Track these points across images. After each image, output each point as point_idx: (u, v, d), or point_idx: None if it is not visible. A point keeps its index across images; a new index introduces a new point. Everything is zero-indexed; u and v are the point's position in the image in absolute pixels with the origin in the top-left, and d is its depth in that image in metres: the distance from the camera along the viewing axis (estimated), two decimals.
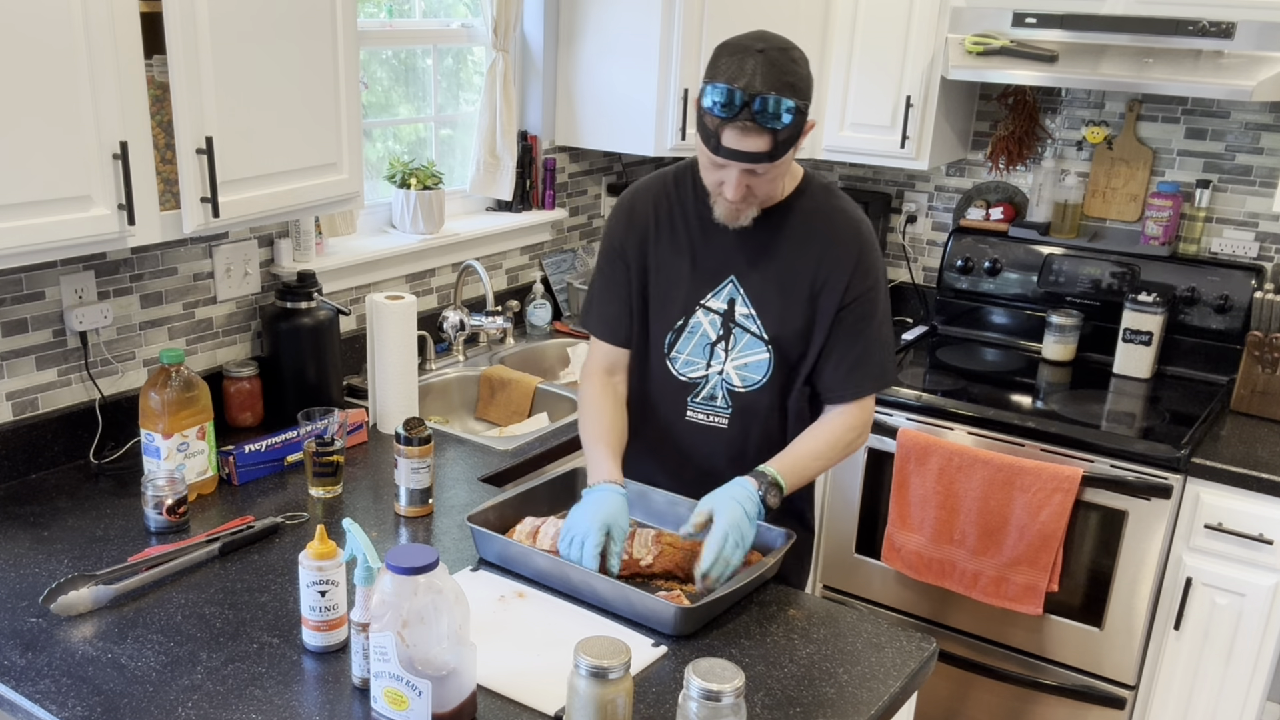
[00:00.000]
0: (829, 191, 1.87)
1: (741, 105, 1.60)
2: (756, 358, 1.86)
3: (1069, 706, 2.73)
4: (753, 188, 1.72)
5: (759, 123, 1.61)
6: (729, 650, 1.59)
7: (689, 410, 1.92)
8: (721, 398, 1.90)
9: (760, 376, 1.87)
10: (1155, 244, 3.02)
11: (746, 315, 1.85)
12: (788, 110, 1.62)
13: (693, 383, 1.91)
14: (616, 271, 1.93)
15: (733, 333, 1.86)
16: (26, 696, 1.43)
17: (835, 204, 1.86)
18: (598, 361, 1.97)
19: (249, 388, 2.34)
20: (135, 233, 1.80)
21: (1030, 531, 2.59)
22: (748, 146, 1.64)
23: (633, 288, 1.92)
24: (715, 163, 1.70)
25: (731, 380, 1.88)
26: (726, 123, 1.62)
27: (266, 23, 1.92)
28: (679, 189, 1.90)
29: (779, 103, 1.61)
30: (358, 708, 1.43)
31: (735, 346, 1.87)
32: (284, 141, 2.00)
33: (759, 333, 1.85)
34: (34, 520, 1.92)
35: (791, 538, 1.77)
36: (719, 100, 1.61)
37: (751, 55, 1.62)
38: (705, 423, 1.92)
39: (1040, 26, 2.74)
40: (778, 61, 1.63)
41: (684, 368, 1.90)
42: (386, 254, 2.73)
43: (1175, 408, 2.79)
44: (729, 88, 1.61)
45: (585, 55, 3.12)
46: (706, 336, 1.88)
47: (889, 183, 3.47)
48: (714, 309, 1.87)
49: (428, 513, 2.00)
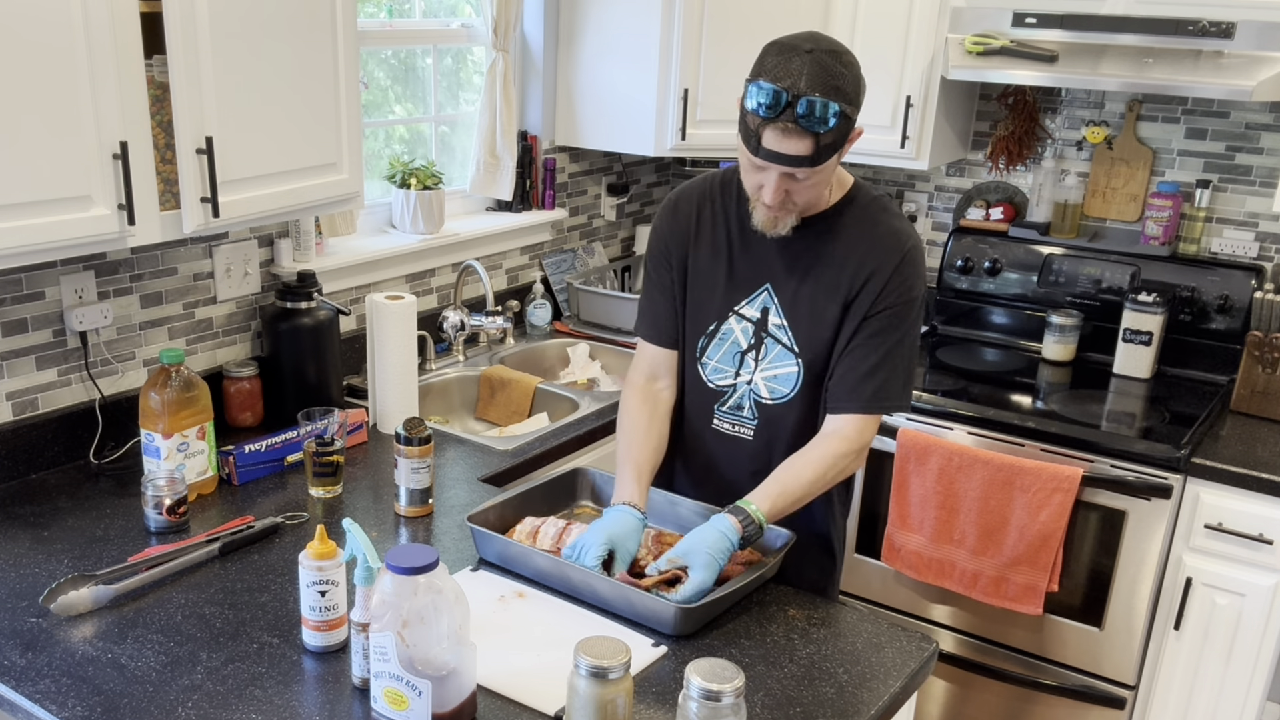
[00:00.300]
0: (879, 204, 1.81)
1: (785, 106, 1.56)
2: (785, 370, 1.82)
3: (1069, 706, 2.73)
4: (792, 193, 1.68)
5: (802, 125, 1.57)
6: (729, 650, 1.59)
7: (715, 418, 1.90)
8: (748, 408, 1.87)
9: (788, 390, 1.83)
10: (1155, 244, 3.02)
11: (779, 325, 1.81)
12: (833, 114, 1.57)
13: (720, 390, 1.88)
14: (661, 273, 1.90)
15: (764, 342, 1.83)
16: (26, 696, 1.43)
17: (883, 217, 1.79)
18: (641, 368, 1.95)
19: (249, 388, 2.34)
20: (135, 233, 1.80)
21: (1030, 531, 2.59)
22: (788, 149, 1.59)
23: (676, 288, 1.89)
24: (755, 165, 1.65)
25: (759, 391, 1.85)
26: (768, 123, 1.58)
27: (266, 22, 1.92)
28: (724, 193, 1.87)
29: (825, 105, 1.56)
30: (358, 708, 1.43)
31: (766, 357, 1.83)
32: (284, 141, 2.00)
33: (790, 344, 1.81)
34: (34, 520, 1.92)
35: (792, 538, 1.77)
36: (763, 100, 1.57)
37: (799, 55, 1.58)
38: (730, 433, 1.89)
39: (1040, 26, 2.74)
40: (826, 64, 1.58)
41: (713, 374, 1.88)
42: (386, 254, 2.73)
43: (1175, 408, 2.79)
44: (773, 87, 1.56)
45: (585, 55, 3.12)
46: (738, 344, 1.85)
47: (889, 183, 3.47)
48: (747, 316, 1.83)
49: (428, 513, 2.00)
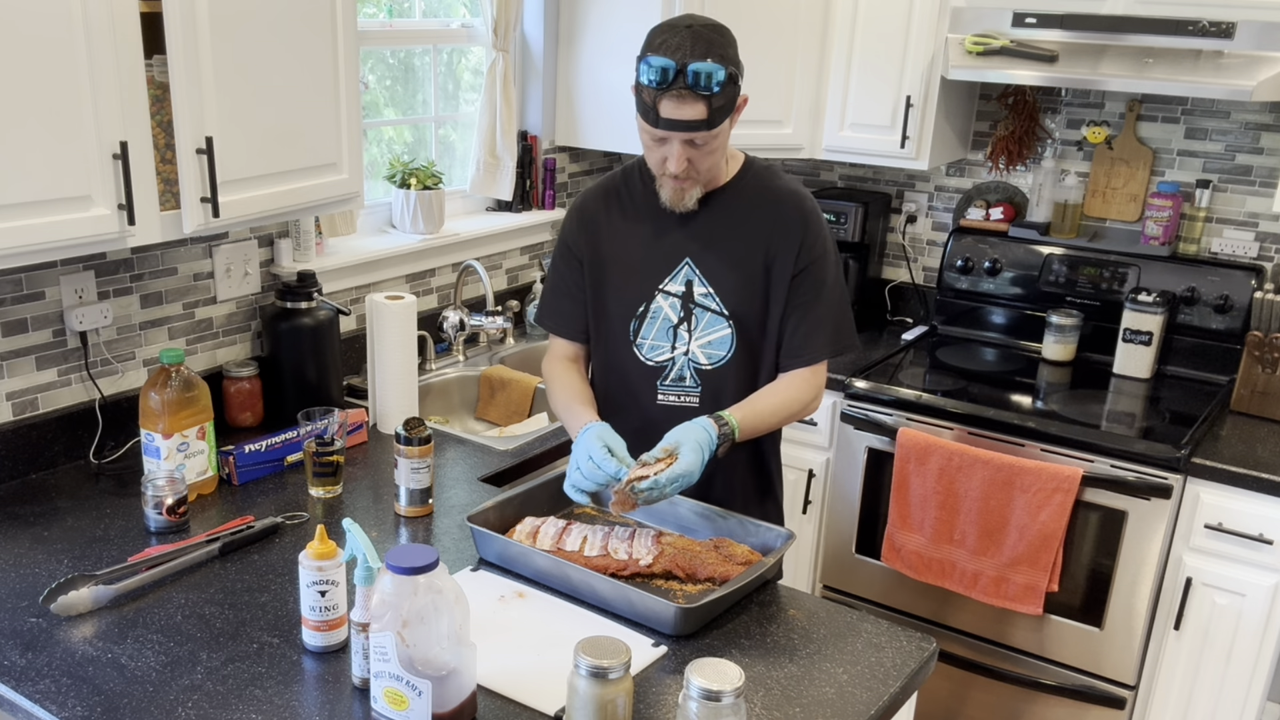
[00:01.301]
0: (771, 171, 1.96)
1: (675, 74, 1.70)
2: (719, 334, 1.92)
3: (1069, 706, 2.73)
4: (694, 161, 1.80)
5: (693, 90, 1.70)
6: (729, 650, 1.59)
7: (660, 393, 1.97)
8: (690, 377, 1.95)
9: (724, 353, 1.93)
10: (1155, 244, 3.02)
11: (705, 294, 1.92)
12: (720, 78, 1.71)
13: (660, 366, 1.96)
14: (570, 270, 2.01)
15: (693, 313, 1.93)
16: (26, 696, 1.43)
17: (777, 182, 1.94)
18: (558, 352, 2.06)
19: (249, 388, 2.34)
20: (135, 233, 1.80)
21: (1030, 531, 2.59)
22: (685, 115, 1.72)
23: (585, 284, 1.99)
24: (656, 138, 1.78)
25: (698, 359, 1.94)
26: (663, 93, 1.71)
27: (267, 22, 1.92)
28: (627, 183, 1.99)
29: (711, 71, 1.70)
30: (358, 708, 1.43)
31: (698, 326, 1.93)
32: (284, 141, 2.00)
33: (719, 309, 1.92)
34: (34, 520, 1.92)
35: (792, 537, 1.77)
36: (655, 74, 1.71)
37: (680, 31, 1.73)
38: (677, 403, 1.97)
39: (1040, 26, 2.74)
40: (706, 35, 1.73)
41: (650, 352, 1.96)
42: (386, 254, 2.73)
43: (1175, 408, 2.79)
44: (664, 60, 1.70)
45: (585, 55, 3.12)
46: (669, 320, 1.94)
47: (889, 183, 3.47)
48: (672, 292, 1.93)
49: (428, 513, 2.00)
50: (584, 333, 2.03)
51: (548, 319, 2.07)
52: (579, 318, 2.02)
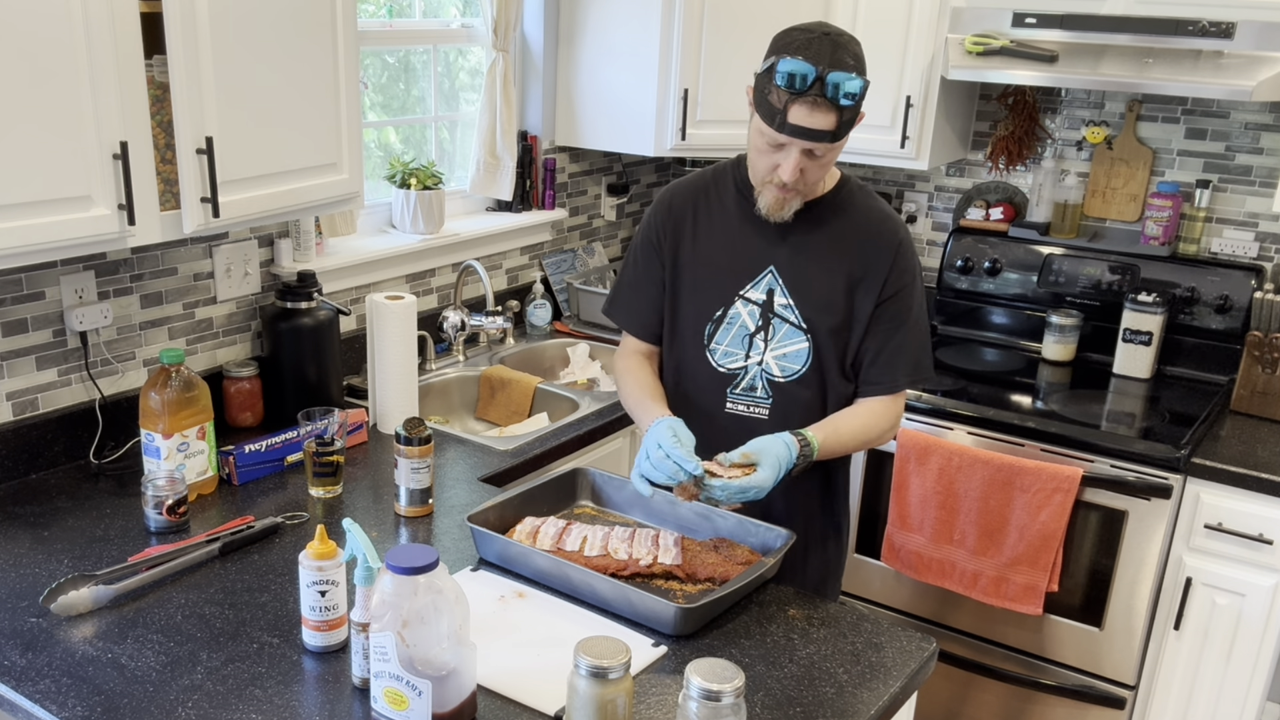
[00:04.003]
0: (866, 192, 1.92)
1: (815, 80, 1.64)
2: (795, 347, 1.88)
3: (1069, 706, 2.73)
4: (806, 172, 1.75)
5: (830, 99, 1.65)
6: (729, 650, 1.59)
7: (729, 401, 1.93)
8: (761, 388, 1.91)
9: (799, 366, 1.89)
10: (1155, 244, 3.02)
11: (785, 305, 1.87)
12: (855, 90, 1.65)
13: (732, 374, 1.92)
14: (650, 264, 1.96)
15: (771, 323, 1.88)
16: (26, 696, 1.43)
17: (873, 203, 1.90)
18: (630, 346, 2.02)
19: (249, 388, 2.34)
20: (135, 233, 1.80)
21: (1030, 531, 2.59)
22: (815, 123, 1.67)
23: (665, 281, 1.94)
24: (775, 144, 1.72)
25: (771, 370, 1.90)
26: (797, 98, 1.65)
27: (267, 23, 1.92)
28: (719, 184, 1.94)
29: (851, 81, 1.65)
30: (358, 708, 1.43)
31: (774, 336, 1.88)
32: (284, 141, 2.00)
33: (798, 322, 1.87)
34: (34, 520, 1.92)
35: (792, 537, 1.77)
36: (795, 74, 1.63)
37: (819, 37, 1.67)
38: (746, 414, 1.92)
39: (1040, 26, 2.74)
40: (845, 44, 1.68)
41: (723, 359, 1.92)
42: (386, 254, 2.73)
43: (1175, 408, 2.79)
44: (804, 62, 1.64)
45: (585, 55, 3.12)
46: (745, 327, 1.89)
47: (889, 183, 3.47)
48: (753, 299, 1.89)
49: (428, 513, 2.00)
50: (656, 330, 1.98)
51: (620, 313, 2.02)
52: (653, 314, 1.97)
